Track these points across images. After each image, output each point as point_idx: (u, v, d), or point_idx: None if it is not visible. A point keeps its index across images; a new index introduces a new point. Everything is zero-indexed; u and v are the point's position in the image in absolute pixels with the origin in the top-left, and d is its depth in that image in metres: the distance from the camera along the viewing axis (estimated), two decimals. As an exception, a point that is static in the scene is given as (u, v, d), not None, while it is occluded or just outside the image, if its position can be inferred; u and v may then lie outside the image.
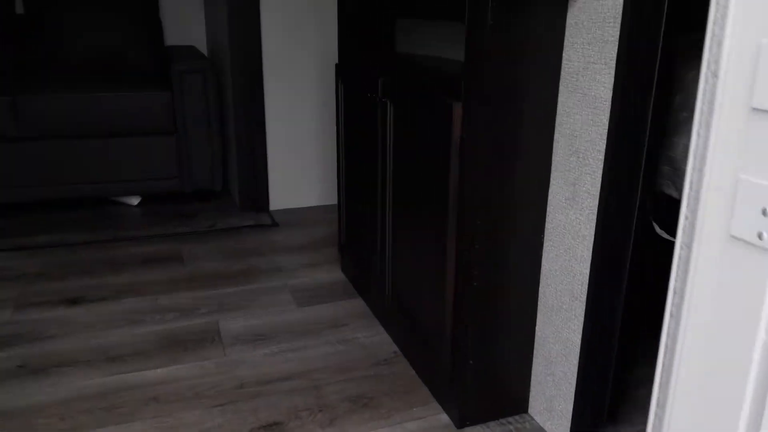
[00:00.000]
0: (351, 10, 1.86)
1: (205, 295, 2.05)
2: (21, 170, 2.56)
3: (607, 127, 1.16)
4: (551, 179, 1.33)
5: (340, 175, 2.08)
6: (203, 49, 3.45)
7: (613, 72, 1.13)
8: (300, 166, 2.88)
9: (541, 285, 1.40)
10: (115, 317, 1.89)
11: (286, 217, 2.80)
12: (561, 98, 1.27)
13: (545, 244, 1.37)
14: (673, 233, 1.43)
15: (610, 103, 1.14)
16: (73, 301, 1.98)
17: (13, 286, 2.07)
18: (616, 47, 1.11)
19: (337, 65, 2.00)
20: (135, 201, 2.87)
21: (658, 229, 1.42)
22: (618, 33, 1.10)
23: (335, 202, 2.99)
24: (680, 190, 1.45)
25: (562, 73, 1.26)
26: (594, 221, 1.22)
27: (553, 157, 1.31)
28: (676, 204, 1.49)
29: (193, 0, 3.34)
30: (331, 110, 2.86)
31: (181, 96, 2.67)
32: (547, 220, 1.36)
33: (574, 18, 1.21)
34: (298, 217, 2.82)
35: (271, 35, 2.65)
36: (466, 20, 1.21)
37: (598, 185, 1.20)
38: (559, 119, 1.29)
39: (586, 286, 1.27)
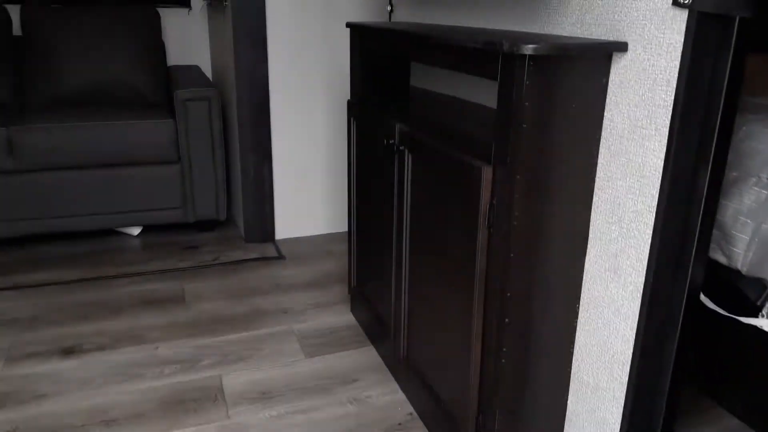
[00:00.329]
0: (364, 45, 1.75)
1: (207, 343, 1.94)
2: (17, 203, 2.45)
3: (656, 199, 1.04)
4: (588, 247, 1.21)
5: (351, 215, 1.97)
6: (208, 68, 3.35)
7: (664, 140, 1.01)
8: (307, 193, 2.77)
9: (574, 359, 1.28)
10: (112, 371, 1.78)
11: (292, 248, 2.68)
12: (601, 161, 1.16)
13: (580, 315, 1.26)
14: (722, 303, 1.31)
15: (660, 173, 1.03)
16: (68, 351, 1.87)
17: (5, 334, 1.95)
18: (670, 113, 1.00)
19: (349, 102, 1.88)
20: (136, 231, 2.76)
21: (705, 299, 1.30)
22: (672, 98, 0.99)
23: (344, 229, 2.88)
24: (729, 256, 1.33)
25: (604, 134, 1.14)
26: (638, 299, 1.11)
27: (592, 224, 1.20)
28: (723, 270, 1.37)
29: (197, 18, 3.23)
30: (339, 136, 2.75)
31: (184, 124, 2.56)
32: (583, 290, 1.24)
33: (619, 76, 1.09)
34: (305, 247, 2.70)
35: (278, 60, 2.54)
36: (498, 79, 1.09)
37: (644, 260, 1.09)
38: (599, 183, 1.17)
39: (627, 367, 1.16)
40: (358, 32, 1.79)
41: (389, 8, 2.08)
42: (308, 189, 2.77)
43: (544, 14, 1.27)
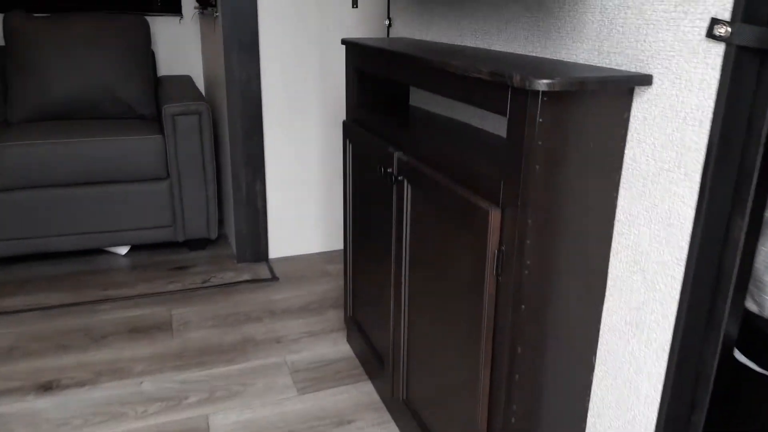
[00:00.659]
0: (360, 64, 1.64)
1: (194, 377, 1.83)
2: (-3, 222, 2.34)
3: (685, 251, 0.93)
4: (607, 295, 1.10)
5: (347, 242, 1.85)
6: (200, 77, 3.23)
7: (696, 187, 0.90)
8: (302, 210, 2.66)
9: (589, 416, 1.17)
10: (91, 410, 1.67)
11: (286, 268, 2.57)
12: (621, 203, 1.04)
13: (596, 370, 1.15)
14: (753, 356, 1.20)
15: (690, 223, 0.92)
16: (46, 387, 1.76)
17: (-20, 366, 1.84)
18: (702, 157, 0.89)
19: (344, 123, 1.77)
20: (123, 250, 2.65)
21: (738, 355, 1.19)
22: (705, 141, 0.88)
23: (340, 247, 2.77)
24: (761, 304, 1.22)
25: (625, 174, 1.03)
26: (664, 358, 1.00)
27: (610, 271, 1.09)
28: (754, 319, 1.26)
29: (189, 26, 3.12)
30: (335, 150, 2.64)
31: (173, 140, 2.45)
32: (600, 342, 1.13)
33: (642, 111, 0.98)
34: (299, 267, 2.59)
35: (272, 72, 2.43)
36: (507, 115, 0.98)
37: (671, 316, 0.98)
38: (618, 228, 1.06)
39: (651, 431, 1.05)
40: (354, 50, 1.68)
41: (387, 22, 1.97)
42: (303, 206, 2.66)
43: (556, 37, 1.16)
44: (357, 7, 2.53)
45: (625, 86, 0.97)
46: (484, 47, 1.41)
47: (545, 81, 0.88)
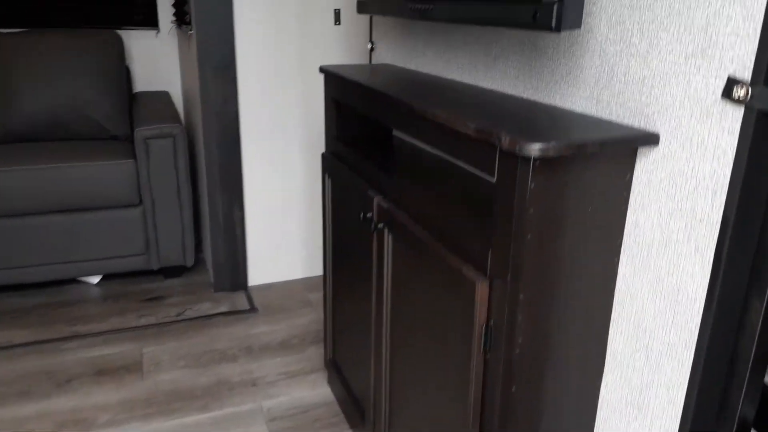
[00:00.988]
0: (338, 96, 1.52)
1: (163, 428, 1.70)
2: (-43, 253, 2.20)
3: (695, 334, 0.83)
4: (606, 370, 0.99)
5: (326, 281, 1.74)
6: (178, 94, 3.11)
7: (707, 264, 0.79)
8: (282, 236, 2.54)
9: (587, 498, 1.07)
10: (48, 469, 1.54)
11: (266, 297, 2.45)
12: (623, 271, 0.94)
13: (594, 449, 1.04)
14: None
15: (701, 305, 0.81)
16: (1, 442, 1.63)
17: (-69, 418, 1.71)
18: (715, 231, 0.78)
19: (323, 156, 1.66)
20: (95, 279, 2.52)
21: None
22: (720, 214, 0.77)
23: (320, 273, 2.65)
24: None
25: (627, 240, 0.92)
26: (670, 448, 0.89)
27: (610, 344, 0.98)
28: None
29: (166, 41, 2.99)
30: (317, 174, 2.52)
31: (146, 164, 2.32)
32: (597, 420, 1.02)
33: (647, 173, 0.88)
34: (280, 295, 2.47)
35: (251, 95, 2.31)
36: (495, 179, 0.87)
37: (678, 403, 0.87)
38: (619, 298, 0.95)
39: None
40: (332, 81, 1.56)
41: (370, 46, 1.85)
42: (285, 231, 2.54)
43: (549, 80, 1.06)
44: (340, 24, 2.42)
45: (629, 148, 0.86)
46: (472, 83, 1.30)
47: (538, 146, 0.77)
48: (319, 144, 2.48)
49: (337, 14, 2.40)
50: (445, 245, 1.03)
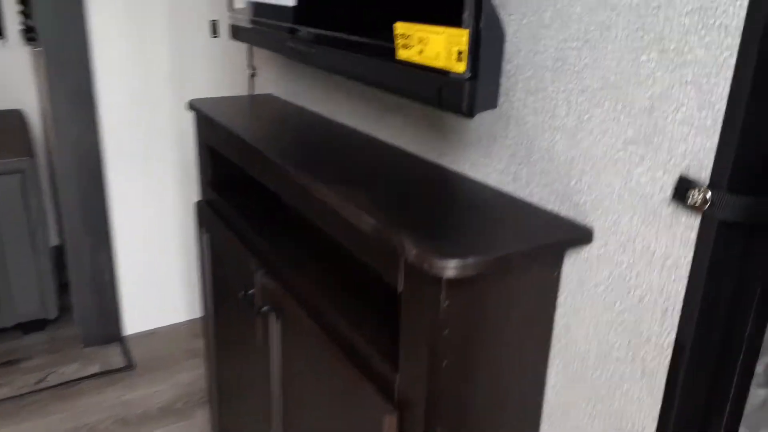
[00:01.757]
0: (212, 143, 1.29)
1: None
2: None
3: (643, 470, 0.69)
4: (535, 490, 0.85)
5: (209, 344, 1.50)
6: (35, 112, 2.70)
7: (658, 393, 0.65)
8: (160, 277, 2.25)
9: None
10: None
11: (146, 349, 2.16)
12: (554, 381, 0.79)
13: None
14: None
15: (651, 438, 0.67)
16: None
17: None
18: (666, 356, 0.64)
19: (198, 205, 1.42)
20: (-68, 342, 2.12)
21: None
22: (671, 337, 0.63)
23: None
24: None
25: (557, 345, 0.77)
26: None
27: (540, 464, 0.83)
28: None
29: (16, 50, 2.58)
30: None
31: (-12, 207, 1.96)
32: None
33: (578, 272, 0.73)
34: (161, 345, 2.19)
35: (117, 125, 2.01)
36: (401, 296, 0.69)
37: None
38: (548, 412, 0.80)
39: None
40: (203, 123, 1.33)
41: (250, 72, 1.62)
42: (162, 272, 2.25)
43: (458, 146, 0.89)
44: (218, 35, 2.15)
45: (557, 251, 0.71)
46: (367, 131, 1.12)
47: (453, 265, 0.60)
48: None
49: (213, 25, 2.14)
50: (345, 352, 0.84)
